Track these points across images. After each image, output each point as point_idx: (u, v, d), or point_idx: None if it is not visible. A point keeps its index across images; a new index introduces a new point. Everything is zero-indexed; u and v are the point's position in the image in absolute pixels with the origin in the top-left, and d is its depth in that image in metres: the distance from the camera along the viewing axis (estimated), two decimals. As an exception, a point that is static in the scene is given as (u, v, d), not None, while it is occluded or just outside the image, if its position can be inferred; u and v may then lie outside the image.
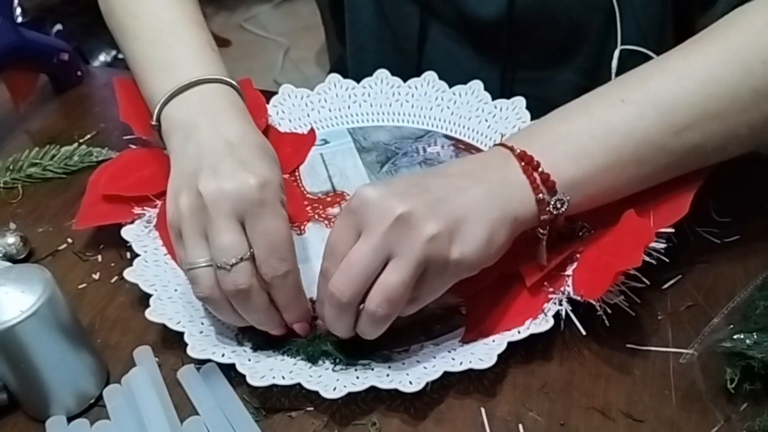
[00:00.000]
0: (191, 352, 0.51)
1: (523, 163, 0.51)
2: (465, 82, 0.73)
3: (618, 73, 0.65)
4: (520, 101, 0.71)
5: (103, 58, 1.87)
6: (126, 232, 0.61)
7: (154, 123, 0.60)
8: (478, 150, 0.70)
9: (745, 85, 0.51)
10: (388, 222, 0.47)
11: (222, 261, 0.49)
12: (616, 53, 0.68)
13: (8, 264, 0.60)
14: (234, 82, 0.62)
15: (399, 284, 0.47)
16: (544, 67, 0.79)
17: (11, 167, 0.73)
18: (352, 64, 0.86)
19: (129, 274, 0.57)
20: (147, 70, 0.64)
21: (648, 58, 0.58)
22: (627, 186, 0.54)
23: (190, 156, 0.55)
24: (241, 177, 0.51)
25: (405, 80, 0.75)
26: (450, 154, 0.70)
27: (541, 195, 0.51)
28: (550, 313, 0.52)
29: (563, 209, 0.51)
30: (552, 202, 0.51)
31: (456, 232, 0.48)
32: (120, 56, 1.84)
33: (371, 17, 0.82)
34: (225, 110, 0.59)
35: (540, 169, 0.51)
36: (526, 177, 0.51)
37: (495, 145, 0.55)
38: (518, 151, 0.52)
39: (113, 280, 0.62)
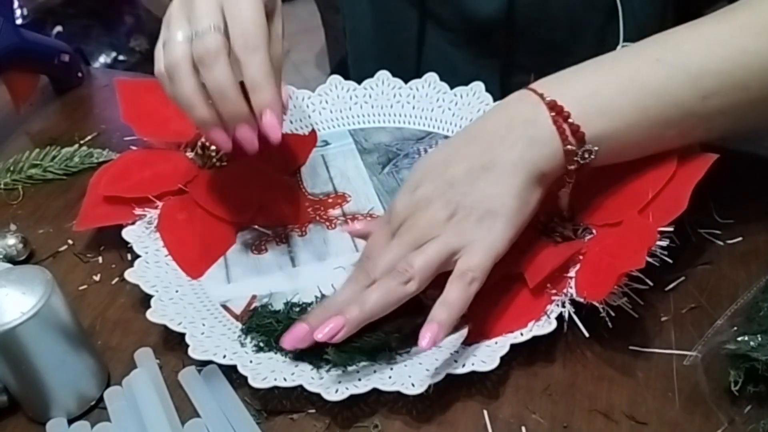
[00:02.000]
0: (192, 353, 0.51)
1: (553, 114, 0.52)
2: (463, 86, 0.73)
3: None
4: (521, 102, 0.70)
5: (103, 59, 1.88)
6: (127, 233, 0.61)
7: None
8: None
9: None
10: (414, 223, 0.52)
11: (197, 28, 0.51)
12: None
13: (9, 265, 0.60)
14: None
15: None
16: (541, 69, 0.79)
17: (12, 168, 0.73)
18: (352, 73, 0.86)
19: (130, 275, 0.57)
20: None
21: None
22: (653, 144, 0.55)
23: None
24: None
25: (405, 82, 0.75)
26: (451, 156, 0.70)
27: (569, 146, 0.52)
28: (553, 315, 0.52)
29: (590, 159, 0.53)
30: (580, 153, 0.52)
31: (485, 215, 0.51)
32: (120, 58, 1.85)
33: (370, 24, 0.82)
34: None
35: (570, 120, 0.52)
36: (556, 128, 0.52)
37: (525, 88, 0.55)
38: (548, 100, 0.53)
39: (114, 282, 0.61)
